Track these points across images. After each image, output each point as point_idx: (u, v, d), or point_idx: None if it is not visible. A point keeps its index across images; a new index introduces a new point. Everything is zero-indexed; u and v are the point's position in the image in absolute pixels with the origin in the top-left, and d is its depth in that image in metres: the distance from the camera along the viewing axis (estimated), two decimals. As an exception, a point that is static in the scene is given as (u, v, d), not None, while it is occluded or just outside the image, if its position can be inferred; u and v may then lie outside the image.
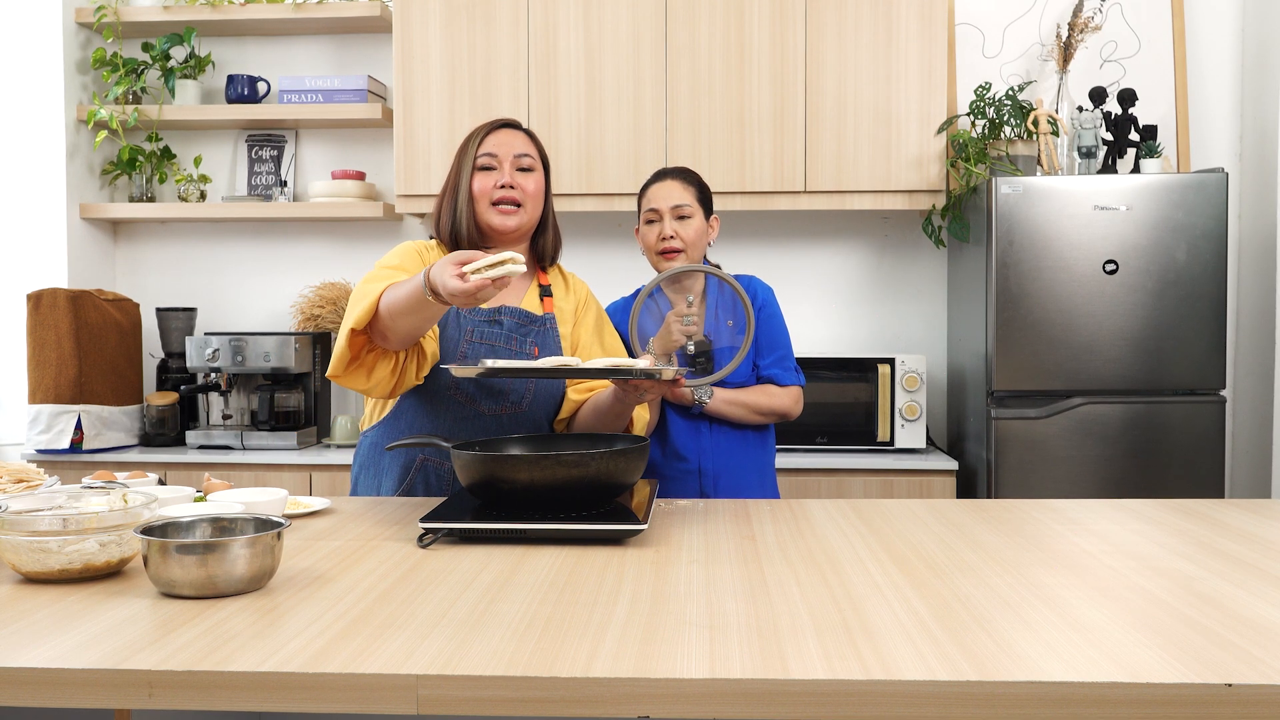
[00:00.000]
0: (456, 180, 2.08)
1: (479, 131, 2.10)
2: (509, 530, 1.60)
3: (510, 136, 2.09)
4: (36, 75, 3.53)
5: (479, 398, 2.02)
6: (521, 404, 2.05)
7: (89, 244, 3.67)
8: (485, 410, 2.03)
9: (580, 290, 2.21)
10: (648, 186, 2.36)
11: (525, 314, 2.07)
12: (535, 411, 2.07)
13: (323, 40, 3.76)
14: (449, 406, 2.02)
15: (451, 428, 2.02)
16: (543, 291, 2.14)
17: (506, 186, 2.04)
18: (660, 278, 2.09)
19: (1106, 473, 3.00)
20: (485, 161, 2.05)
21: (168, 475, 3.20)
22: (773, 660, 1.06)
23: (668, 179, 2.35)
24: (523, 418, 2.06)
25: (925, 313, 3.63)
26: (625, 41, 3.31)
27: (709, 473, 2.31)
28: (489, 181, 2.05)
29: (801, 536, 1.65)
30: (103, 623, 1.20)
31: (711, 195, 2.40)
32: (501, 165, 2.05)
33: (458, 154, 2.11)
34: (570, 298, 2.18)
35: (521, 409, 2.05)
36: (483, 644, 1.12)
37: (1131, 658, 1.07)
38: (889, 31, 3.26)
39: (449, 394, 2.02)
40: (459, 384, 2.00)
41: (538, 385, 2.06)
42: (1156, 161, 3.10)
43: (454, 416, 2.02)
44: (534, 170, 2.09)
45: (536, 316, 2.08)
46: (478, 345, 2.02)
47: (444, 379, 2.01)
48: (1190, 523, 1.76)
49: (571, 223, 3.69)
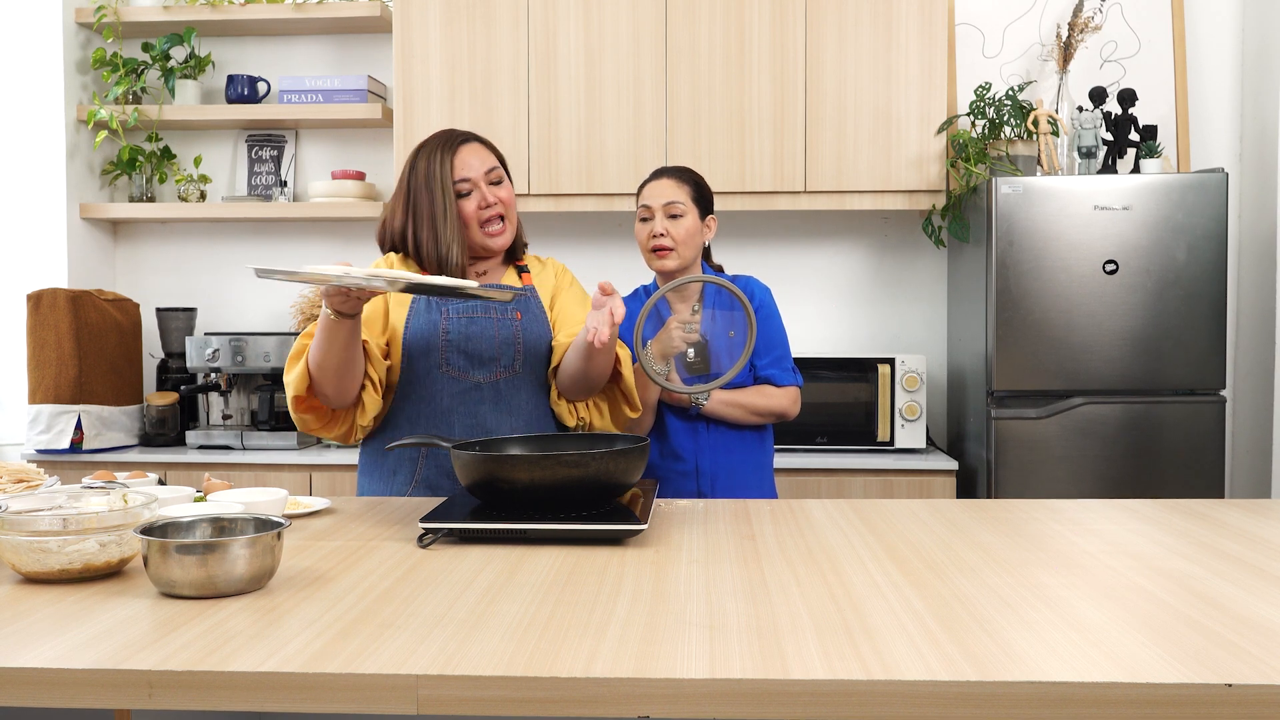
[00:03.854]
0: (432, 208, 2.05)
1: (437, 150, 2.07)
2: (509, 530, 1.60)
3: (472, 154, 2.08)
4: (36, 75, 3.53)
5: (469, 369, 2.03)
6: (515, 365, 2.05)
7: (89, 244, 3.67)
8: (482, 379, 2.04)
9: (556, 266, 2.23)
10: (644, 184, 2.37)
11: (503, 287, 2.08)
12: (531, 372, 2.07)
13: (323, 40, 3.76)
14: (444, 385, 2.03)
15: (451, 405, 2.03)
16: (519, 270, 2.17)
17: (490, 205, 2.06)
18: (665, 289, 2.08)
19: (1106, 473, 3.00)
20: (463, 188, 2.06)
21: (168, 475, 3.20)
22: (773, 660, 1.06)
23: (663, 177, 2.35)
24: (521, 381, 2.07)
25: (925, 313, 3.63)
26: (625, 41, 3.31)
27: (706, 473, 2.31)
28: (471, 205, 2.06)
29: (801, 536, 1.65)
30: (103, 623, 1.20)
31: (710, 194, 2.40)
32: (478, 185, 2.06)
33: (420, 175, 2.07)
34: (548, 272, 2.20)
35: (516, 371, 2.06)
36: (482, 644, 1.12)
37: (1131, 658, 1.07)
38: (889, 31, 3.26)
39: (440, 373, 2.03)
40: (449, 359, 2.02)
41: (525, 344, 2.06)
42: (1156, 161, 3.10)
43: (451, 393, 2.03)
44: (503, 180, 2.11)
45: (514, 287, 2.09)
46: (455, 319, 2.03)
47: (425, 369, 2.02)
48: (1190, 523, 1.76)
49: (571, 223, 3.69)
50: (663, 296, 2.35)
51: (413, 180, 2.08)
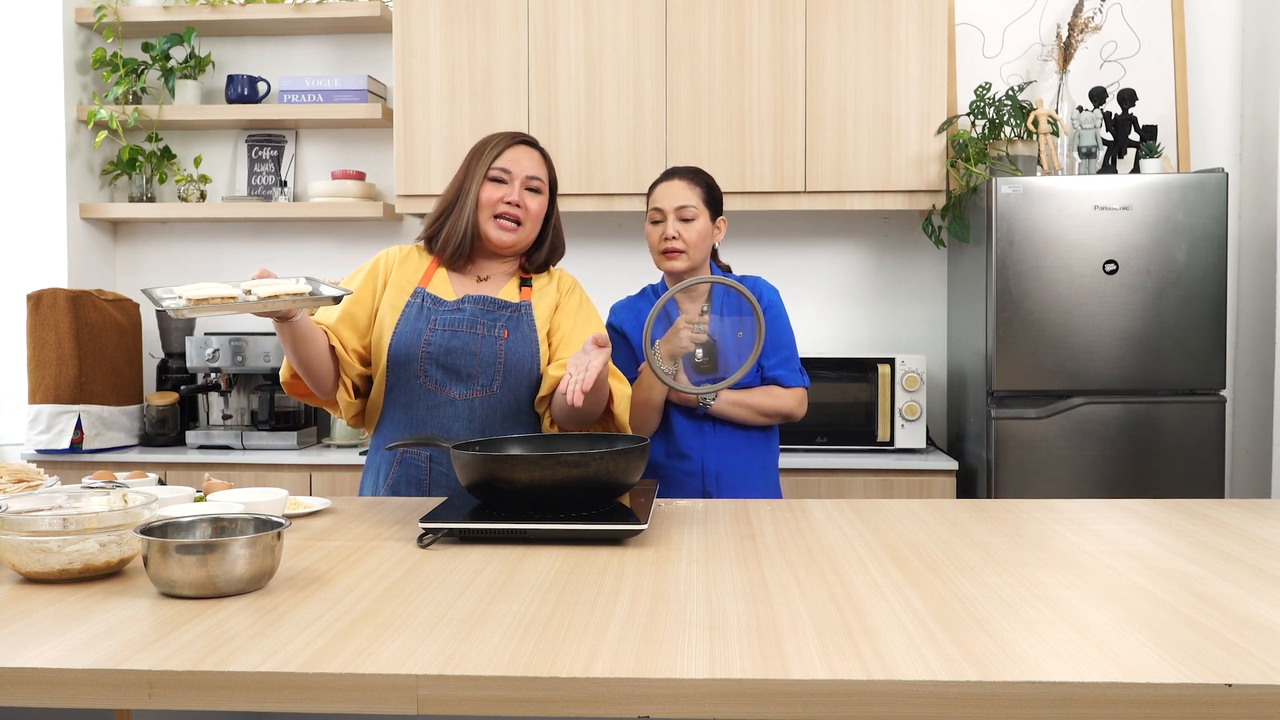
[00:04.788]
0: (462, 186, 2.10)
1: (495, 142, 2.11)
2: (509, 530, 1.60)
3: (525, 155, 2.11)
4: (36, 75, 3.53)
5: (447, 383, 2.04)
6: (493, 386, 2.04)
7: (89, 244, 3.67)
8: (456, 396, 2.04)
9: (566, 280, 2.21)
10: (656, 184, 2.36)
11: (492, 300, 2.09)
12: (509, 394, 2.06)
13: (323, 40, 3.76)
14: (420, 396, 2.04)
15: (425, 417, 2.04)
16: (522, 282, 2.16)
17: (512, 204, 2.07)
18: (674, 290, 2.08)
19: (1106, 473, 3.00)
20: (497, 174, 2.08)
21: (168, 475, 3.20)
22: (773, 660, 1.06)
23: (675, 179, 2.35)
24: (498, 401, 2.05)
25: (925, 313, 3.63)
26: (625, 41, 3.31)
27: (712, 472, 2.31)
28: (496, 194, 2.07)
29: (801, 536, 1.65)
30: (103, 623, 1.20)
31: (720, 196, 2.39)
32: (512, 181, 2.08)
33: (467, 160, 2.13)
34: (552, 285, 2.18)
35: (494, 391, 2.05)
36: (483, 644, 1.12)
37: (1131, 658, 1.07)
38: (889, 31, 3.26)
39: (417, 384, 2.04)
40: (426, 372, 2.04)
41: (506, 366, 2.05)
42: (1156, 161, 3.10)
43: (426, 406, 2.04)
44: (541, 193, 2.12)
45: (509, 303, 2.10)
46: (440, 331, 2.04)
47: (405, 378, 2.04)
48: (1190, 523, 1.76)
49: (571, 223, 3.68)
50: (672, 297, 2.35)
51: (464, 165, 2.13)
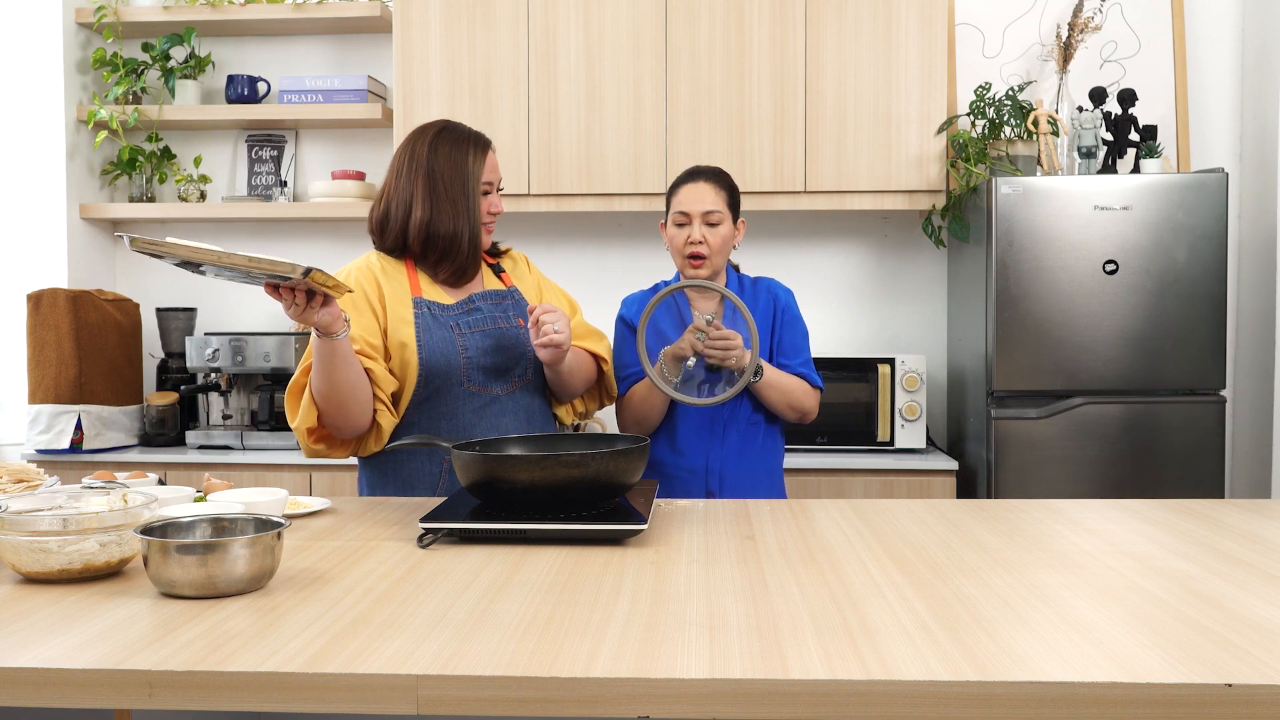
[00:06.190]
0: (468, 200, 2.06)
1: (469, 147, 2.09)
2: (509, 530, 1.60)
3: (493, 160, 2.14)
4: (36, 75, 3.53)
5: (488, 383, 2.08)
6: (527, 374, 2.13)
7: (89, 244, 3.67)
8: (500, 392, 2.09)
9: (521, 258, 2.29)
10: (680, 185, 2.32)
11: (494, 293, 2.15)
12: (538, 376, 2.16)
13: (323, 40, 3.76)
14: (464, 401, 2.06)
15: (473, 420, 2.06)
16: (495, 269, 2.22)
17: (493, 211, 2.13)
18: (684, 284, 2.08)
19: (1106, 473, 3.00)
20: (485, 188, 2.12)
21: (168, 475, 3.20)
22: (773, 660, 1.06)
23: (701, 181, 2.30)
24: (533, 387, 2.15)
25: (925, 313, 3.63)
26: (625, 41, 3.31)
27: (716, 472, 2.31)
28: (486, 205, 2.13)
29: (801, 536, 1.65)
30: (103, 623, 1.20)
31: (740, 198, 2.37)
32: (492, 190, 2.14)
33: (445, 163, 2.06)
34: (520, 266, 2.27)
35: (529, 379, 2.13)
36: (483, 644, 1.12)
37: (1131, 658, 1.07)
38: (889, 32, 3.26)
39: (461, 389, 2.05)
40: (470, 376, 2.05)
41: (530, 353, 2.10)
42: (1156, 161, 3.10)
43: (471, 408, 2.06)
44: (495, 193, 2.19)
45: (503, 291, 2.17)
46: (470, 334, 2.06)
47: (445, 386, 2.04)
48: (1190, 523, 1.76)
49: (571, 223, 3.70)
50: (684, 295, 2.34)
51: (433, 164, 2.05)
